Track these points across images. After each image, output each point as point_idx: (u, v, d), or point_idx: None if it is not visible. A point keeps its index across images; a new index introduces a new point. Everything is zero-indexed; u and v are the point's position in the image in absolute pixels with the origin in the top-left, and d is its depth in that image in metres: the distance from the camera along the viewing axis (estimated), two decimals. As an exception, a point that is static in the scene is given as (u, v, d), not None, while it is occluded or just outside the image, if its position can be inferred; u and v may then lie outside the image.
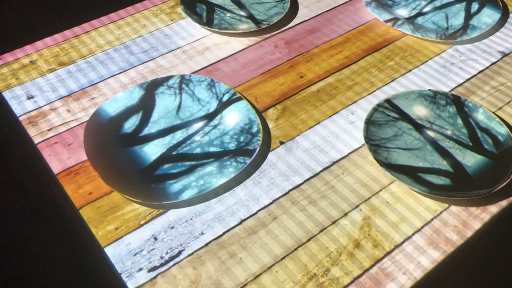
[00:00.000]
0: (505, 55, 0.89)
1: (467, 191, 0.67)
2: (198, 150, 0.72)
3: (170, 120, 0.77)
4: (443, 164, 0.70)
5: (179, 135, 0.74)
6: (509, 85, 0.84)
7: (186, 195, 0.66)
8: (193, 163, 0.71)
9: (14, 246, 0.87)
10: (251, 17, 0.95)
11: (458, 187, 0.67)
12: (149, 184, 0.68)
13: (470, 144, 0.73)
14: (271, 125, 0.77)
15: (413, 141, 0.73)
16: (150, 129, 0.75)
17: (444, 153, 0.72)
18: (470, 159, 0.71)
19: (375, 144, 0.72)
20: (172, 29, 0.94)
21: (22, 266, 0.86)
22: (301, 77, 0.85)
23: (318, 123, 0.77)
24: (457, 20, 0.95)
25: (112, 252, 0.62)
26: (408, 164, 0.70)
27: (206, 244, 0.63)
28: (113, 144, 0.73)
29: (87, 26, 0.95)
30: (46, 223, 0.79)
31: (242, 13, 0.96)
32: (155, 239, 0.63)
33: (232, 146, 0.73)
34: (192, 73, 0.86)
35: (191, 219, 0.65)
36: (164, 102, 0.79)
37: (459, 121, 0.76)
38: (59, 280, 0.77)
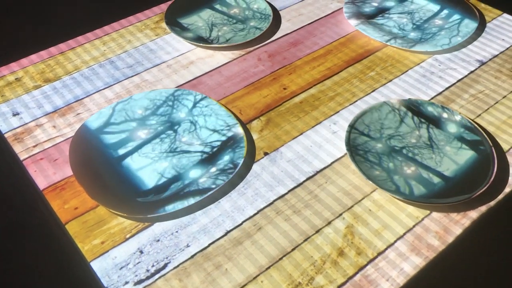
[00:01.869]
0: (482, 63, 0.91)
1: (447, 198, 0.68)
2: (183, 163, 0.73)
3: (155, 132, 0.78)
4: (424, 171, 0.72)
5: (164, 148, 0.75)
6: (487, 92, 0.86)
7: (171, 208, 0.66)
8: (177, 175, 0.71)
9: (1, 263, 0.87)
10: (233, 31, 0.97)
11: (439, 193, 0.69)
12: (134, 197, 0.68)
13: (450, 150, 0.75)
14: (255, 136, 0.78)
15: (393, 150, 0.75)
16: (135, 142, 0.76)
17: (423, 160, 0.73)
18: (450, 166, 0.73)
19: (357, 152, 0.73)
20: (157, 44, 0.95)
21: (9, 282, 0.85)
22: (284, 89, 0.86)
23: (302, 134, 0.79)
24: (436, 30, 0.97)
25: (98, 266, 0.62)
26: (389, 172, 0.72)
27: (192, 256, 0.63)
28: (97, 159, 0.73)
29: (72, 43, 0.96)
30: (33, 239, 0.80)
31: (225, 27, 0.98)
32: (141, 252, 0.64)
33: (217, 158, 0.73)
34: (177, 87, 0.87)
35: (177, 231, 0.66)
36: (150, 115, 0.80)
37: (437, 128, 0.78)
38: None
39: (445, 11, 1.02)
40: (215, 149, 0.75)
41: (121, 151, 0.75)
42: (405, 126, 0.78)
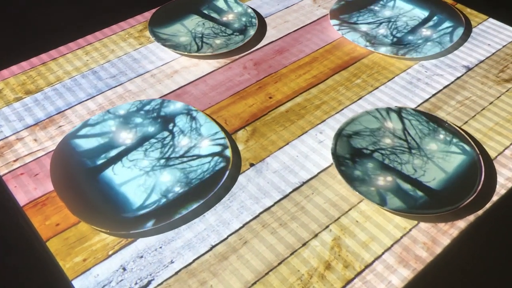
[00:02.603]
0: (469, 69, 0.91)
1: (435, 208, 0.67)
2: (166, 176, 0.72)
3: (137, 146, 0.76)
4: (411, 181, 0.71)
5: (146, 162, 0.74)
6: (473, 99, 0.85)
7: (154, 223, 0.65)
8: (161, 189, 0.70)
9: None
10: (218, 39, 0.96)
11: (427, 203, 0.68)
12: (116, 213, 0.67)
13: (437, 159, 0.74)
14: (241, 147, 0.77)
15: (379, 159, 0.74)
16: (117, 156, 0.74)
17: (410, 169, 0.73)
18: (437, 175, 0.72)
19: (344, 162, 0.72)
20: (141, 53, 0.94)
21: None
22: (270, 97, 0.85)
23: (288, 144, 0.78)
24: (422, 36, 0.97)
25: (80, 284, 0.61)
26: (376, 182, 0.71)
27: (176, 273, 0.62)
28: (79, 173, 0.72)
29: (54, 53, 0.94)
30: (13, 257, 0.78)
31: (210, 36, 0.97)
32: (124, 269, 0.62)
33: (201, 171, 0.72)
34: (161, 97, 0.85)
35: (160, 247, 0.64)
36: (131, 127, 0.78)
37: (424, 137, 0.77)
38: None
39: (431, 17, 1.01)
40: (199, 160, 0.74)
41: (103, 167, 0.73)
42: (391, 135, 0.77)
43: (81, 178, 0.71)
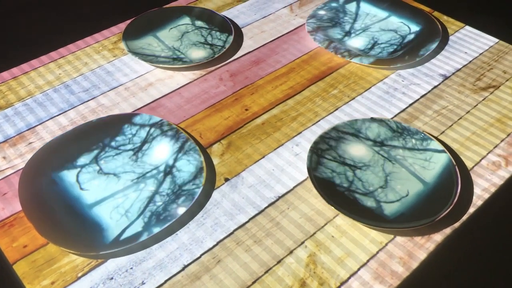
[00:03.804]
0: (446, 78, 0.91)
1: (411, 221, 0.66)
2: (137, 195, 0.70)
3: (109, 165, 0.74)
4: (386, 193, 0.70)
5: (118, 181, 0.72)
6: (450, 108, 0.85)
7: (125, 243, 0.63)
8: (132, 208, 0.68)
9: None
10: (194, 50, 0.94)
11: (403, 216, 0.67)
12: (85, 233, 0.65)
13: (414, 170, 0.73)
14: (215, 161, 0.76)
15: (355, 172, 0.73)
16: (87, 175, 0.73)
17: (386, 182, 0.72)
18: (414, 187, 0.71)
19: (319, 176, 0.71)
20: (115, 66, 0.92)
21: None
22: (246, 109, 0.84)
23: (264, 157, 0.76)
24: (399, 44, 0.96)
25: (47, 309, 0.59)
26: (351, 195, 0.70)
27: (147, 295, 0.60)
28: (48, 193, 0.70)
29: (26, 67, 0.92)
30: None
31: (186, 47, 0.95)
32: (93, 292, 0.60)
33: (173, 188, 0.71)
34: (134, 110, 0.84)
35: (131, 268, 0.63)
36: (104, 144, 0.77)
37: (400, 148, 0.76)
38: None
39: (408, 25, 1.01)
40: (172, 177, 0.72)
41: (74, 186, 0.71)
42: (367, 146, 0.77)
43: (49, 197, 0.69)
